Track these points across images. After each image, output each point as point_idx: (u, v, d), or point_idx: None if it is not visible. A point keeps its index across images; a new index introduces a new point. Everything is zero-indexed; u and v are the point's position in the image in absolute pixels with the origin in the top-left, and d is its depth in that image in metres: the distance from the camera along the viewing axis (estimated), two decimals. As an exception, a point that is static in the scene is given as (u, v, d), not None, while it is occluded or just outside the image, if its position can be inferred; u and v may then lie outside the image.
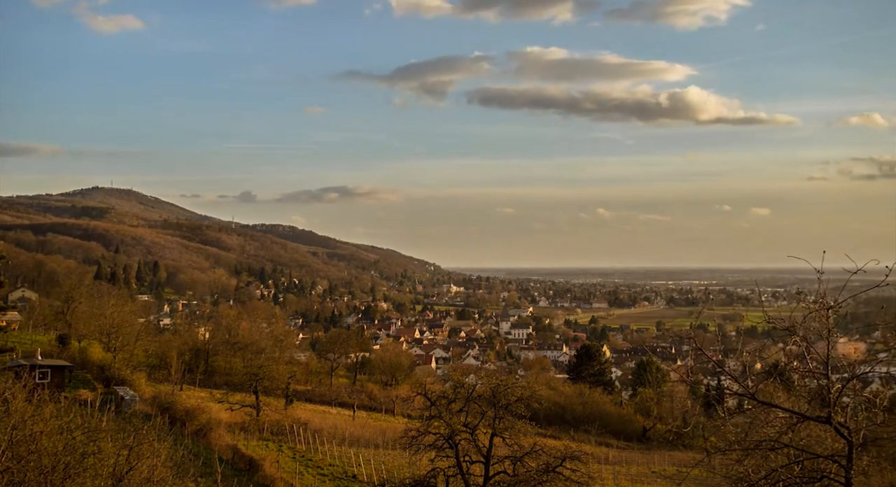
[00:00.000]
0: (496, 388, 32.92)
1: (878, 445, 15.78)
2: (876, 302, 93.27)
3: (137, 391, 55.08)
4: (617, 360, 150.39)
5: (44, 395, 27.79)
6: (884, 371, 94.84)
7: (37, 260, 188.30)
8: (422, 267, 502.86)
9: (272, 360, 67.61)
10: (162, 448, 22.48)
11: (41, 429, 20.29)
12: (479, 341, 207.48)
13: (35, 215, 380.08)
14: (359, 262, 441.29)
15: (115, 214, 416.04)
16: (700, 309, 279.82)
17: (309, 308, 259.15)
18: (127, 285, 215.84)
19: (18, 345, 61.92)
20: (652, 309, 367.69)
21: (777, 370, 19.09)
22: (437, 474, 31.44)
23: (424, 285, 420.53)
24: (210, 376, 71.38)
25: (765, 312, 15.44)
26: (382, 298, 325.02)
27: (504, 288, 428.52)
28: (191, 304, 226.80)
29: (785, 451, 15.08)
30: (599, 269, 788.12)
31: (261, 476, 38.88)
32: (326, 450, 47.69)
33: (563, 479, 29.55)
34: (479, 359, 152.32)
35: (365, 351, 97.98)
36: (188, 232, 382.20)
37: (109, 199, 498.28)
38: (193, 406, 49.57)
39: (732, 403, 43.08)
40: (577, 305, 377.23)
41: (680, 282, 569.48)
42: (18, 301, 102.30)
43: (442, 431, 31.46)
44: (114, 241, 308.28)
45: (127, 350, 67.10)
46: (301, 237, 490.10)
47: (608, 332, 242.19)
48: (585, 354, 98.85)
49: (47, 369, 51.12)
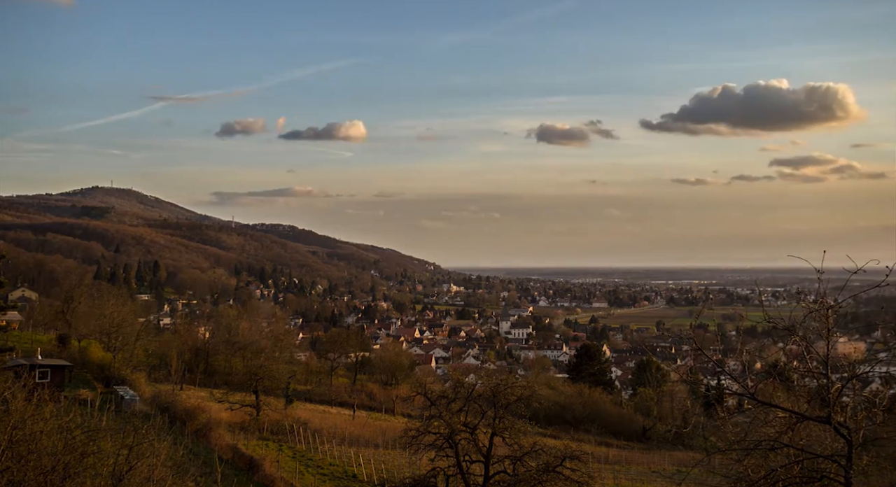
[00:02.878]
0: (496, 388, 32.91)
1: (878, 445, 15.77)
2: (876, 301, 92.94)
3: (137, 390, 55.02)
4: (617, 360, 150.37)
5: (44, 395, 27.79)
6: (884, 370, 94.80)
7: (37, 260, 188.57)
8: (422, 267, 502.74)
9: (272, 360, 67.49)
10: (162, 448, 22.47)
11: (41, 429, 20.29)
12: (479, 341, 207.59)
13: (35, 215, 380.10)
14: (359, 262, 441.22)
15: (115, 214, 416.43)
16: (700, 308, 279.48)
17: (309, 307, 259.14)
18: (127, 285, 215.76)
19: (18, 345, 61.97)
20: (652, 309, 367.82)
21: (777, 369, 19.11)
22: (437, 473, 31.43)
23: (424, 285, 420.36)
24: (210, 376, 71.32)
25: (765, 312, 15.41)
26: (382, 298, 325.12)
27: (504, 287, 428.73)
28: (191, 304, 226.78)
29: (785, 451, 15.06)
30: (599, 269, 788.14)
31: (261, 476, 38.86)
32: (326, 450, 47.69)
33: (563, 479, 29.54)
34: (479, 359, 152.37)
35: (365, 351, 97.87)
36: (188, 231, 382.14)
37: (109, 199, 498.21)
38: (193, 406, 49.53)
39: (732, 403, 43.18)
40: (577, 305, 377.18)
41: (680, 282, 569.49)
42: (18, 300, 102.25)
43: (442, 431, 31.44)
44: (114, 241, 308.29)
45: (127, 349, 67.03)
46: (301, 237, 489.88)
47: (608, 332, 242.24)
48: (585, 354, 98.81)
49: (47, 369, 51.03)
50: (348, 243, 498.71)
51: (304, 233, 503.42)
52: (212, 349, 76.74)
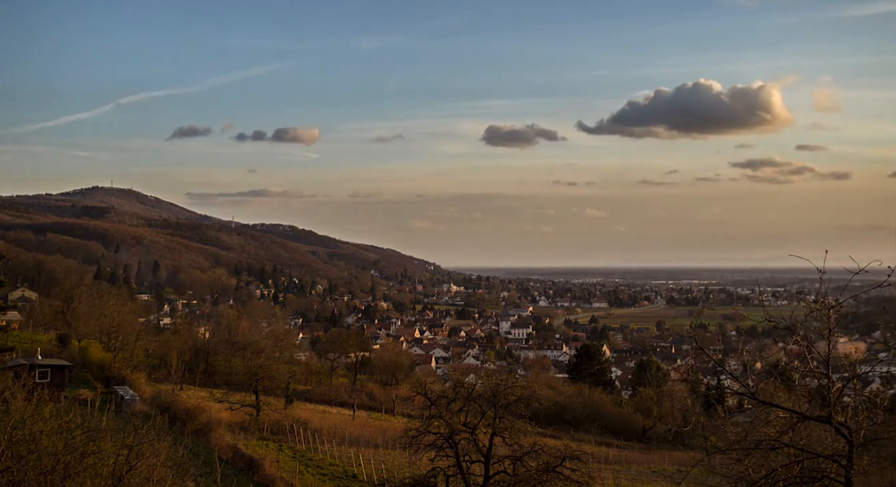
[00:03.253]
0: (496, 388, 32.89)
1: (878, 445, 15.76)
2: (876, 301, 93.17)
3: (137, 390, 55.01)
4: (617, 360, 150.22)
5: (44, 395, 27.79)
6: (884, 370, 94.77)
7: (37, 260, 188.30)
8: (422, 267, 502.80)
9: (272, 360, 67.47)
10: (162, 448, 22.44)
11: (41, 429, 20.27)
12: (479, 341, 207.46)
13: (35, 215, 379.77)
14: (359, 262, 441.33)
15: (115, 214, 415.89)
16: (700, 308, 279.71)
17: (309, 307, 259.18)
18: (127, 285, 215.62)
19: (18, 345, 61.97)
20: (652, 309, 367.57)
21: (777, 369, 19.11)
22: (437, 473, 31.41)
23: (424, 285, 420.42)
24: (210, 376, 71.31)
25: (766, 311, 15.41)
26: (382, 298, 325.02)
27: (504, 287, 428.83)
28: (191, 304, 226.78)
29: (785, 451, 15.06)
30: (600, 269, 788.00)
31: (261, 476, 38.83)
32: (326, 450, 47.68)
33: (563, 479, 29.52)
34: (479, 359, 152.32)
35: (365, 351, 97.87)
36: (188, 231, 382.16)
37: (109, 199, 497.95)
38: (193, 406, 49.51)
39: (733, 402, 43.13)
40: (577, 305, 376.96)
41: (680, 282, 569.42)
42: (18, 300, 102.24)
43: (442, 431, 31.42)
44: (114, 241, 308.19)
45: (127, 349, 67.00)
46: (301, 236, 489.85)
47: (608, 332, 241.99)
48: (585, 354, 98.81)
49: (47, 368, 51.04)
50: (348, 243, 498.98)
51: (304, 233, 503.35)
52: (212, 349, 76.74)
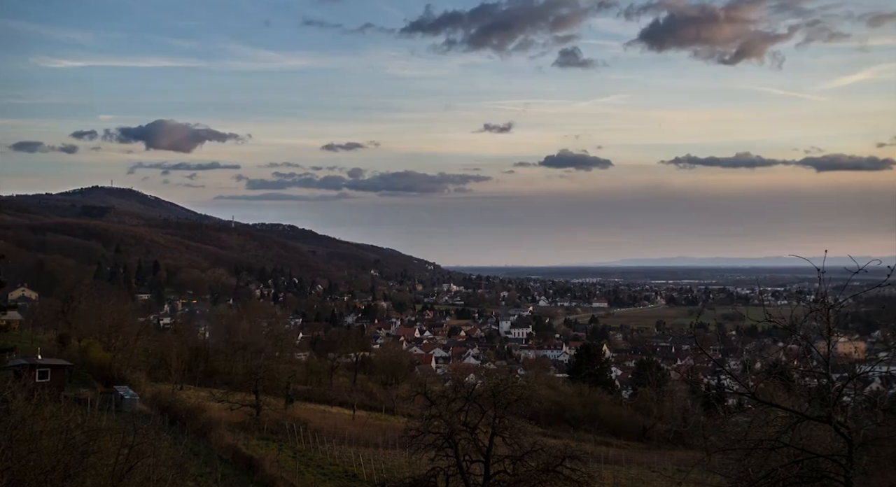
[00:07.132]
0: (496, 387, 32.92)
1: (878, 444, 15.75)
2: (876, 301, 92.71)
3: (137, 390, 55.01)
4: (617, 360, 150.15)
5: (44, 395, 27.75)
6: (884, 370, 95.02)
7: (37, 260, 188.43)
8: (422, 267, 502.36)
9: (272, 360, 67.52)
10: (162, 448, 22.48)
11: (41, 428, 20.30)
12: (479, 340, 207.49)
13: (35, 214, 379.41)
14: (359, 262, 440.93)
15: (115, 214, 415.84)
16: (700, 308, 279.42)
17: (309, 307, 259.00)
18: (127, 284, 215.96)
19: (18, 345, 61.86)
20: (652, 309, 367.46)
21: (777, 369, 19.09)
22: (437, 473, 31.42)
23: (424, 284, 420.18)
24: (210, 375, 71.26)
25: (766, 311, 15.40)
26: (382, 297, 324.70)
27: (504, 287, 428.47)
28: (191, 304, 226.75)
29: (785, 450, 15.06)
30: (600, 268, 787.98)
31: (261, 476, 38.82)
32: (326, 450, 47.68)
33: (563, 478, 29.56)
34: (479, 359, 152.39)
35: (365, 351, 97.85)
36: (188, 231, 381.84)
37: (109, 199, 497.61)
38: (193, 406, 49.57)
39: (733, 402, 43.09)
40: (577, 304, 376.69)
41: (680, 281, 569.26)
42: (18, 300, 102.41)
43: (442, 430, 31.44)
44: (114, 241, 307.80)
45: (127, 349, 66.97)
46: (301, 236, 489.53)
47: (608, 332, 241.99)
48: (585, 354, 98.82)
49: (47, 368, 51.02)
50: (348, 243, 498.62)
51: (304, 233, 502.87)
52: (212, 349, 76.72)
